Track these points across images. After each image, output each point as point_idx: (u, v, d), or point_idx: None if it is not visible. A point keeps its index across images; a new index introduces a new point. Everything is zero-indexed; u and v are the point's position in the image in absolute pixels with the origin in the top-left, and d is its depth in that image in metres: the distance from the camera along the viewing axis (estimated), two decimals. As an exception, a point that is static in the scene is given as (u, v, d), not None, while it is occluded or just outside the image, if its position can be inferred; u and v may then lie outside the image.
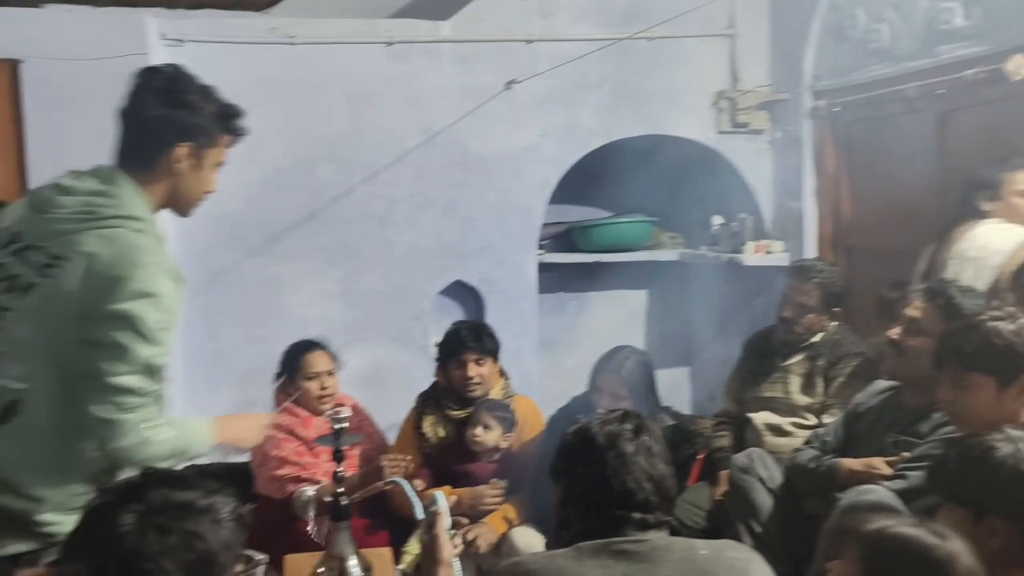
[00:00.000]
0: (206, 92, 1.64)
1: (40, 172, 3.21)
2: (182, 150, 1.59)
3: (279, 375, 2.82)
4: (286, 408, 2.70)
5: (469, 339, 2.75)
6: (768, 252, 3.65)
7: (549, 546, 2.53)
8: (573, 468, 1.41)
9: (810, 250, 3.52)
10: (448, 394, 2.79)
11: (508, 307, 3.77)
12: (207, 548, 1.03)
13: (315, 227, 3.65)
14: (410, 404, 3.02)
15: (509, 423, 2.69)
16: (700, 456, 3.03)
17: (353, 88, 3.64)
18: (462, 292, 3.83)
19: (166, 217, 3.36)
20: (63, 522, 1.44)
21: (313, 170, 3.64)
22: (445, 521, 1.60)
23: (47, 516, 1.46)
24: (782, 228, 3.75)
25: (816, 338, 2.83)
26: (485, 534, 2.56)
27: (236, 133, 1.69)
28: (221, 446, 1.70)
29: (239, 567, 1.09)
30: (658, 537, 1.34)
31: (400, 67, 3.65)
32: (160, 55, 3.38)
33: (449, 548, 1.57)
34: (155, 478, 1.07)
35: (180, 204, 1.66)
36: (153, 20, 3.40)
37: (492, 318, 3.72)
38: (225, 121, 1.66)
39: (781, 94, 3.69)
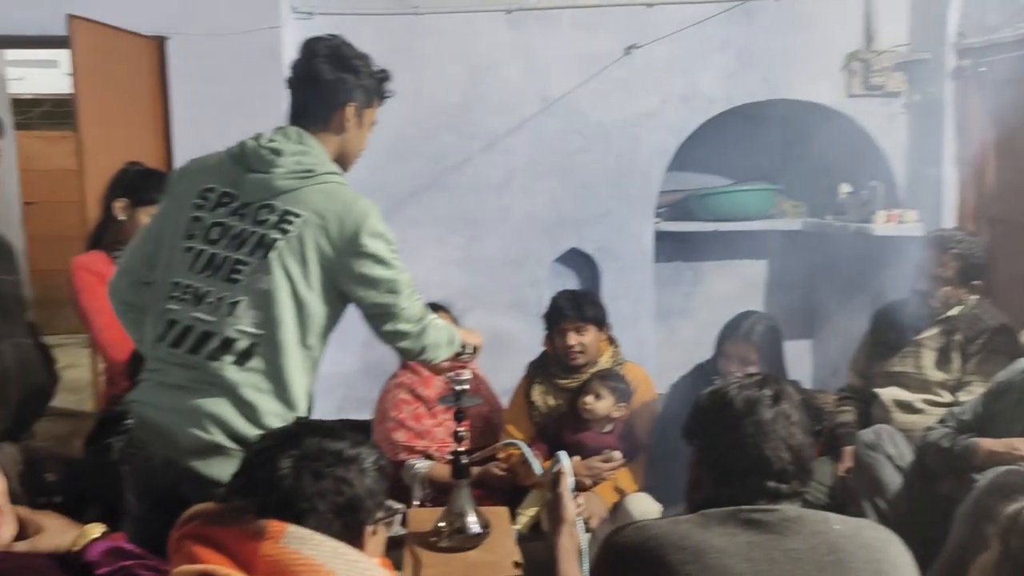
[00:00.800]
0: (365, 57, 1.78)
1: (184, 141, 3.42)
2: (350, 109, 1.72)
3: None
4: (409, 367, 2.79)
5: (568, 307, 2.72)
6: (900, 222, 3.48)
7: (666, 513, 2.53)
8: (708, 431, 1.38)
9: (948, 220, 3.33)
10: (555, 363, 2.80)
11: (624, 276, 3.76)
12: (355, 493, 1.09)
13: (436, 194, 3.73)
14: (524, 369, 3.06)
15: (623, 393, 2.67)
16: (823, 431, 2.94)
17: (474, 57, 3.69)
18: (578, 260, 3.84)
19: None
20: None
21: (434, 138, 3.72)
22: (568, 481, 1.63)
23: None
24: (916, 196, 3.56)
25: (953, 312, 2.69)
26: (594, 507, 2.56)
27: (387, 95, 1.84)
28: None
29: (380, 514, 1.15)
30: (789, 508, 1.31)
31: (519, 35, 3.67)
32: (292, 28, 3.52)
33: (572, 507, 1.60)
34: (309, 428, 1.14)
35: (344, 161, 1.78)
36: (286, -6, 3.54)
37: (607, 287, 3.73)
38: (380, 84, 1.80)
39: (921, 54, 3.48)
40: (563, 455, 1.71)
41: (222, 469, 1.57)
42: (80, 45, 3.00)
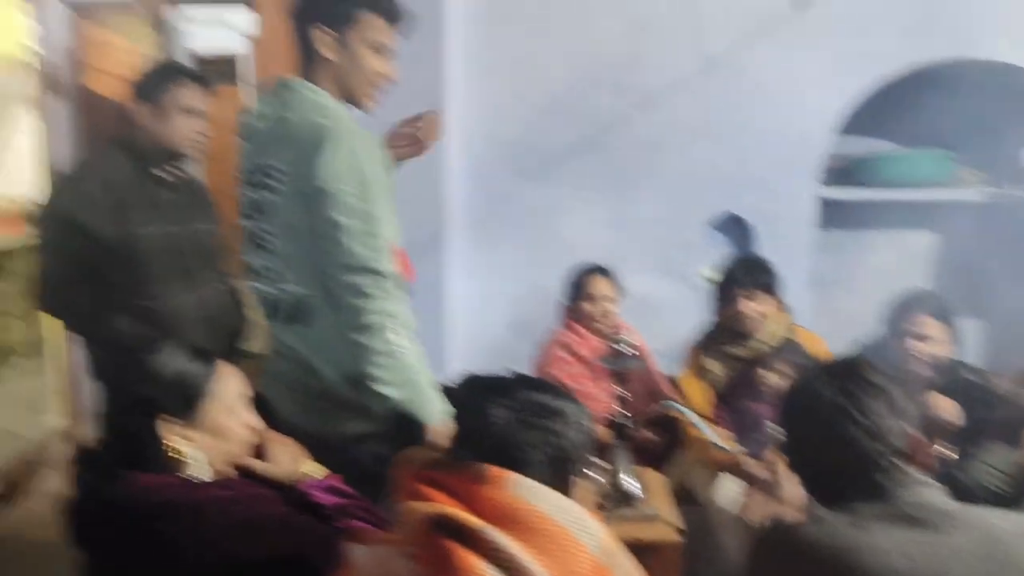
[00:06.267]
0: None
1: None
2: (320, 32, 1.60)
3: (565, 296, 2.93)
4: (569, 326, 2.82)
5: (739, 273, 2.64)
6: (1097, 195, 3.18)
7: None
8: (794, 419, 1.34)
9: None
10: (725, 331, 2.73)
11: (782, 242, 3.63)
12: (565, 445, 1.12)
13: (590, 153, 3.71)
14: (675, 334, 3.02)
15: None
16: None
17: (634, 12, 3.61)
18: (734, 224, 3.74)
19: (448, 141, 3.57)
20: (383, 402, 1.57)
21: (590, 96, 3.68)
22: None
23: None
24: (1120, 167, 3.24)
25: None
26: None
27: (379, 8, 1.62)
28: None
29: (586, 467, 1.17)
30: (941, 502, 1.23)
31: (683, -11, 3.56)
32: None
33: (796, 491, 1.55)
34: (515, 378, 1.17)
35: (353, 93, 1.64)
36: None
37: (764, 252, 3.61)
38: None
39: None
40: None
41: (325, 423, 1.62)
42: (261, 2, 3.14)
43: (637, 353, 2.50)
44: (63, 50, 3.52)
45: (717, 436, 2.08)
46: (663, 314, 3.61)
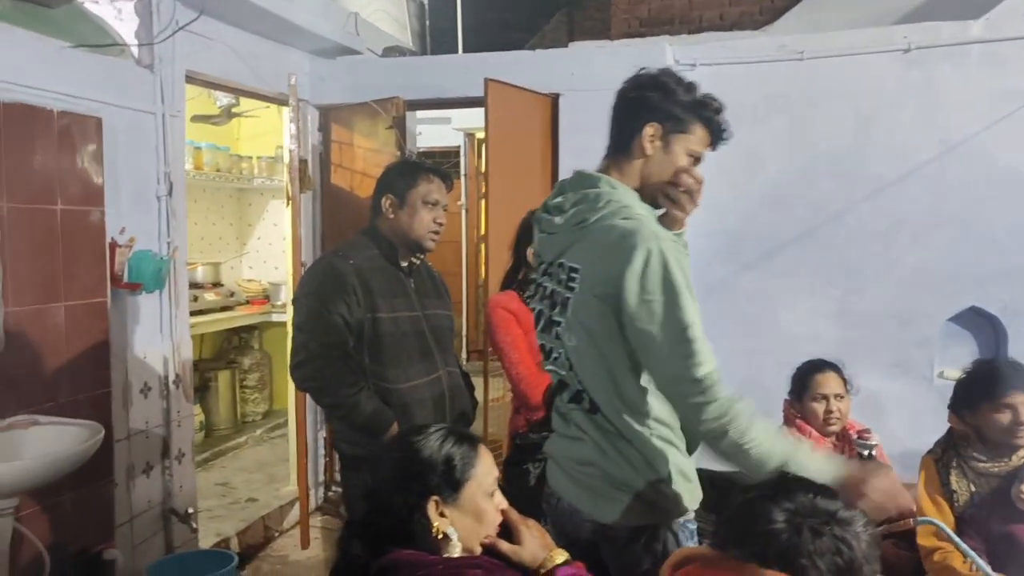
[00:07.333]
0: (685, 83, 1.61)
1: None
2: (650, 129, 1.58)
3: (790, 392, 2.78)
4: (795, 424, 2.66)
5: (982, 377, 2.36)
6: None
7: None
8: None
9: None
10: (967, 442, 2.43)
11: (1038, 341, 3.28)
12: (853, 556, 1.04)
13: (812, 244, 3.57)
14: (908, 437, 2.77)
15: (1074, 483, 2.27)
16: None
17: (861, 100, 3.49)
18: (978, 320, 3.42)
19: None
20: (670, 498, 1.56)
21: (813, 186, 3.57)
22: None
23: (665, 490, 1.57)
24: None
25: None
26: None
27: (711, 126, 1.61)
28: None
29: (873, 584, 1.08)
30: None
31: (916, 74, 3.41)
32: (674, 80, 3.61)
33: None
34: (798, 483, 1.11)
35: (651, 188, 1.61)
36: (669, 47, 3.64)
37: (1015, 352, 3.27)
38: (698, 108, 1.60)
39: None
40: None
41: (607, 512, 1.57)
42: (492, 102, 3.35)
43: (875, 455, 2.31)
44: (312, 149, 3.92)
45: (988, 567, 1.83)
46: (896, 415, 3.34)
